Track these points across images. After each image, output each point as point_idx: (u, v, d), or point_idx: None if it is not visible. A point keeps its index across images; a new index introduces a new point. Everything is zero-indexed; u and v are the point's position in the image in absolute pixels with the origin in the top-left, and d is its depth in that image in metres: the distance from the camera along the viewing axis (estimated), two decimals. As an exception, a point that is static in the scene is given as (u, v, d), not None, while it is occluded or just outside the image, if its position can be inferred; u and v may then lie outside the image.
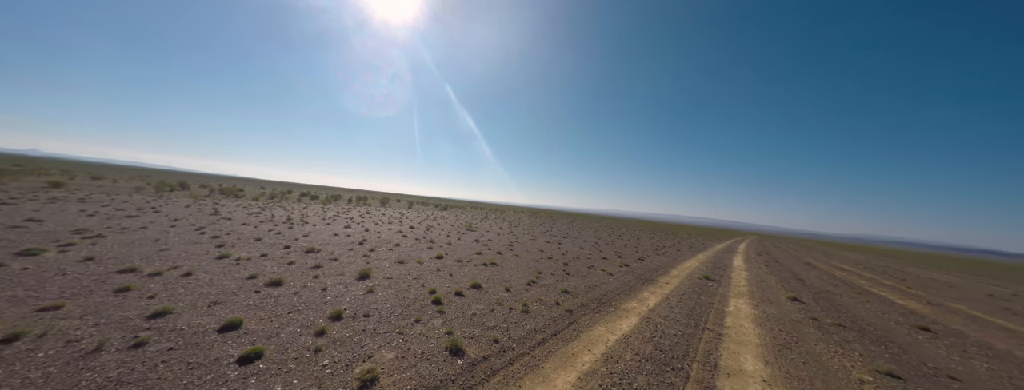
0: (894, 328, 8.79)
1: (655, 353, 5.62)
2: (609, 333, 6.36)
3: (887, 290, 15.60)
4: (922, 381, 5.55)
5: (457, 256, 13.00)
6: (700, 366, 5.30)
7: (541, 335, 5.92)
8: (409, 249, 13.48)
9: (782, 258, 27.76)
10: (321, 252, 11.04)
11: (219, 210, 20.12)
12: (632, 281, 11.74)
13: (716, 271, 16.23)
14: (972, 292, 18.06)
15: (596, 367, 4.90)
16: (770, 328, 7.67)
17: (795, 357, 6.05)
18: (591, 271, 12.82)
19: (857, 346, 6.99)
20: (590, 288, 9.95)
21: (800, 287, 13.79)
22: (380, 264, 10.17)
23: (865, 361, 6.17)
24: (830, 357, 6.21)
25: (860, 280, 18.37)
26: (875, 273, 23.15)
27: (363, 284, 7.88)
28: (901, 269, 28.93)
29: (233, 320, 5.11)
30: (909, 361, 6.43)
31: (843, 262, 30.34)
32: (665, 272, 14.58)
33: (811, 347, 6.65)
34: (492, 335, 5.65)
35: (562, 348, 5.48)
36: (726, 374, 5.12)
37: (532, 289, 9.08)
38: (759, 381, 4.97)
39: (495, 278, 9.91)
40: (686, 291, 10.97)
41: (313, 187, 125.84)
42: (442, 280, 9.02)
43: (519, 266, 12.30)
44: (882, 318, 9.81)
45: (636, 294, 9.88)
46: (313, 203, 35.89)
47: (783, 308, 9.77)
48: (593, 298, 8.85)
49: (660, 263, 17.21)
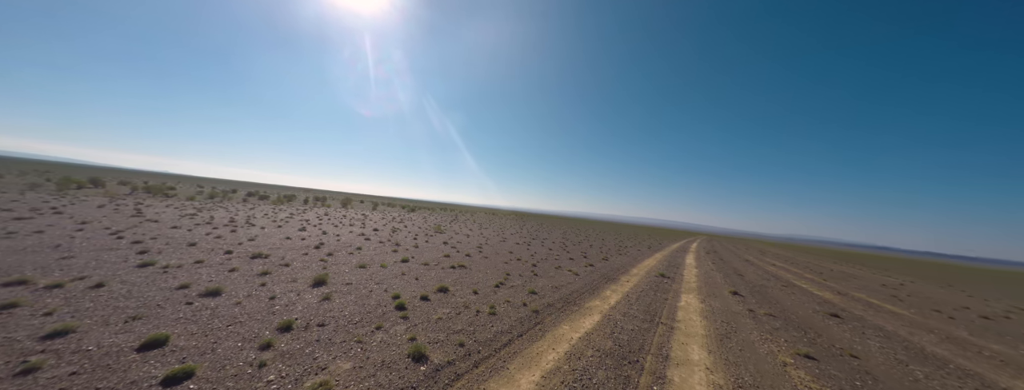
0: (812, 316, 10.17)
1: (614, 348, 5.93)
2: (573, 331, 6.58)
3: (808, 283, 18.00)
4: (831, 360, 6.49)
5: (424, 259, 12.63)
6: (653, 358, 5.70)
7: (508, 336, 5.96)
8: (372, 253, 12.82)
9: (726, 256, 30.77)
10: (270, 257, 10.08)
11: (143, 211, 17.52)
12: (596, 280, 12.27)
13: (671, 269, 17.54)
14: (870, 282, 21.52)
15: (560, 365, 5.06)
16: (714, 320, 8.47)
17: (733, 345, 6.75)
18: (558, 272, 13.17)
19: (783, 333, 7.98)
20: (556, 288, 10.22)
21: (740, 282, 15.40)
22: (339, 269, 9.54)
23: (788, 345, 7.06)
24: (761, 344, 7.02)
25: (788, 275, 20.98)
26: (800, 268, 26.59)
27: (318, 291, 7.34)
28: (820, 264, 33.56)
29: (157, 336, 4.48)
30: (822, 344, 7.48)
31: (775, 259, 34.43)
32: (626, 271, 15.43)
33: (747, 335, 7.46)
34: (458, 339, 5.58)
35: (528, 348, 5.57)
36: (676, 364, 5.56)
37: (500, 291, 9.11)
38: (703, 368, 5.47)
39: (463, 281, 9.79)
40: (644, 288, 11.72)
41: (265, 186, 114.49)
42: (407, 284, 8.71)
43: (488, 268, 12.27)
44: (803, 307, 11.29)
45: (599, 293, 10.34)
46: (262, 204, 32.68)
47: (725, 302, 10.84)
48: (559, 298, 9.10)
49: (622, 262, 18.19)
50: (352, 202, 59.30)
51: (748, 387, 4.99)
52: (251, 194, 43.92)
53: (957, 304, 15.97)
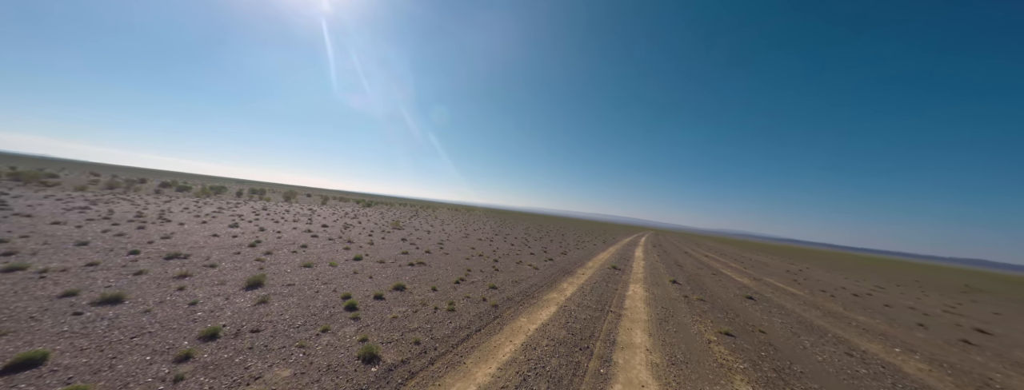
0: (732, 299, 11.78)
1: (568, 337, 6.28)
2: (530, 323, 6.81)
3: (732, 271, 20.76)
4: (745, 335, 7.61)
5: (379, 257, 12.00)
6: (602, 343, 6.15)
7: (466, 332, 5.97)
8: (320, 251, 11.83)
9: (669, 249, 34.12)
10: (191, 258, 8.77)
11: (8, 203, 14.02)
12: (555, 274, 12.79)
13: (622, 262, 18.96)
14: (778, 269, 25.53)
15: (516, 356, 5.21)
16: (656, 306, 9.38)
17: (670, 328, 7.56)
18: (519, 266, 13.46)
19: (710, 315, 9.13)
20: (516, 282, 10.45)
21: (678, 272, 17.21)
22: (279, 269, 8.66)
23: (713, 325, 8.11)
24: (692, 325, 7.97)
25: (717, 264, 23.96)
26: (726, 258, 30.51)
27: (253, 294, 6.59)
28: (742, 255, 38.86)
29: (28, 356, 3.67)
30: (739, 322, 8.72)
31: (708, 251, 39.04)
32: (582, 264, 16.32)
33: (682, 319, 8.41)
34: (414, 337, 5.44)
35: (486, 342, 5.64)
36: (621, 347, 6.07)
37: (460, 287, 9.05)
38: (644, 350, 6.05)
39: (421, 278, 9.52)
40: (598, 280, 12.51)
41: (192, 176, 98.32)
42: (359, 284, 8.21)
43: (449, 264, 12.08)
44: (726, 292, 13.02)
45: (557, 285, 10.81)
46: (182, 196, 28.13)
47: (666, 289, 12.05)
48: (519, 292, 9.32)
49: (579, 256, 19.18)
50: (297, 196, 53.88)
51: (679, 363, 5.64)
52: (166, 185, 37.46)
53: (838, 285, 19.71)
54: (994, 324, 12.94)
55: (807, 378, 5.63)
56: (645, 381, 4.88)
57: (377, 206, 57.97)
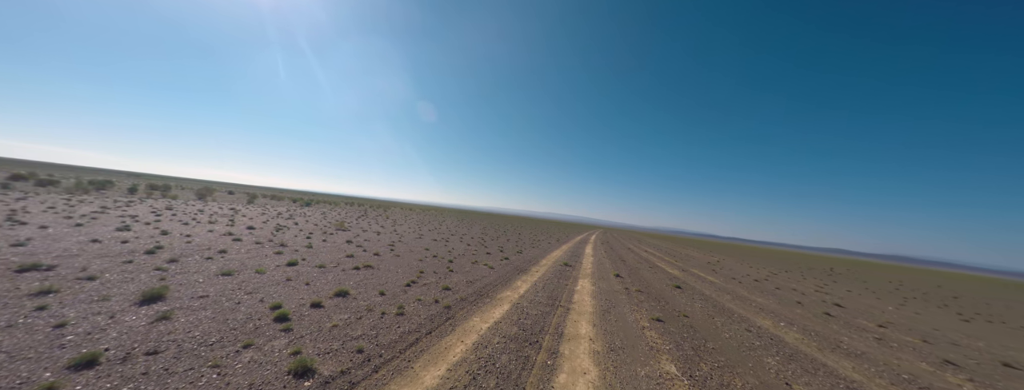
0: (664, 289, 13.29)
1: (519, 333, 6.48)
2: (482, 322, 6.87)
3: (666, 264, 23.36)
4: (672, 320, 8.66)
5: (319, 261, 10.93)
6: (551, 336, 6.48)
7: (415, 335, 5.78)
8: (243, 256, 10.36)
9: (615, 246, 37.05)
10: (58, 270, 7.01)
11: None
12: (510, 272, 13.03)
13: (573, 258, 20.07)
14: (701, 261, 29.44)
15: (466, 355, 5.22)
16: (600, 299, 10.15)
17: (611, 318, 8.26)
18: (474, 266, 13.41)
19: (645, 304, 10.19)
20: (471, 282, 10.41)
21: (622, 266, 18.82)
22: (188, 280, 7.38)
23: (647, 313, 9.08)
24: (630, 314, 8.82)
25: (654, 258, 26.74)
26: (662, 253, 34.22)
27: (151, 310, 5.53)
28: (674, 249, 43.93)
29: None
30: (668, 309, 9.88)
31: (649, 247, 43.31)
32: (537, 262, 16.88)
33: (622, 309, 9.24)
34: (356, 345, 5.11)
35: (436, 344, 5.54)
36: (567, 339, 6.46)
37: (411, 290, 8.71)
38: (587, 339, 6.53)
39: (368, 283, 8.94)
40: (550, 277, 13.08)
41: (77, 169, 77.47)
42: (293, 292, 7.41)
43: (399, 267, 11.52)
44: (660, 282, 14.64)
45: (511, 283, 11.03)
46: (46, 192, 22.18)
47: (610, 283, 13.10)
48: (473, 292, 9.31)
49: (534, 255, 19.80)
50: (215, 193, 46.27)
51: (617, 349, 6.21)
52: (19, 177, 29.08)
53: (745, 273, 23.46)
54: (847, 299, 16.66)
55: (717, 353, 6.64)
56: (587, 368, 5.28)
57: (319, 205, 52.57)
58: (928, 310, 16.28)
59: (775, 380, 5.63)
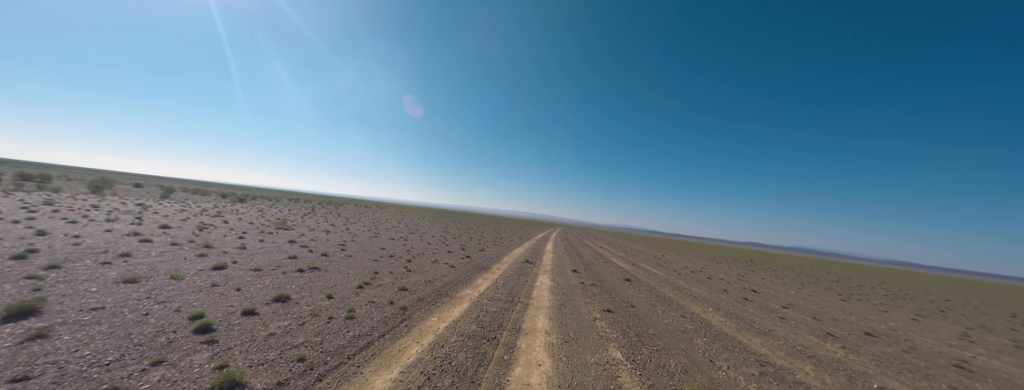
0: (616, 282, 14.32)
1: (477, 330, 6.50)
2: (440, 322, 6.76)
3: (619, 259, 25.14)
4: (620, 311, 9.38)
5: (255, 264, 9.78)
6: (508, 332, 6.61)
7: (366, 339, 5.49)
8: (154, 260, 8.86)
9: (574, 243, 38.84)
10: None
11: None
12: (471, 270, 12.95)
13: (534, 255, 20.61)
14: (648, 256, 32.21)
15: (422, 356, 5.11)
16: (558, 294, 10.61)
17: (567, 311, 8.69)
18: (434, 265, 13.08)
19: (598, 296, 10.89)
20: (430, 282, 10.15)
21: (579, 262, 19.83)
22: (74, 289, 6.11)
23: (599, 305, 9.72)
24: (584, 306, 9.36)
25: (608, 254, 28.60)
26: (616, 249, 36.72)
27: (19, 327, 4.48)
28: (627, 246, 47.41)
29: None
30: (618, 300, 10.69)
31: (604, 244, 46.13)
32: (499, 259, 17.02)
33: (577, 302, 9.76)
34: (297, 354, 4.69)
35: (390, 347, 5.33)
36: (524, 333, 6.66)
37: (364, 292, 8.22)
38: (543, 333, 6.80)
39: (314, 286, 8.23)
40: (511, 274, 13.29)
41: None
42: (220, 299, 6.54)
43: (351, 268, 10.78)
44: (612, 277, 15.73)
45: (472, 281, 10.99)
46: None
47: (568, 278, 13.74)
48: (432, 291, 9.09)
49: (496, 252, 19.92)
50: (115, 185, 38.66)
51: (571, 340, 6.57)
52: None
53: (684, 265, 26.24)
54: (761, 286, 19.52)
55: (657, 337, 7.37)
56: (541, 360, 5.51)
57: (256, 201, 46.81)
58: (818, 293, 19.81)
59: (701, 358, 6.43)
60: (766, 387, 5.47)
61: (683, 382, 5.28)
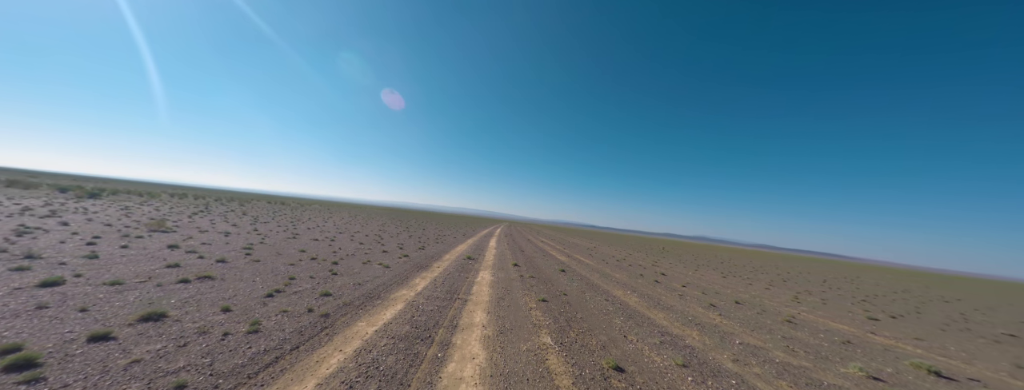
0: (552, 273, 15.32)
1: (411, 331, 6.27)
2: (369, 326, 6.32)
3: (556, 252, 26.87)
4: (554, 300, 10.10)
5: (111, 276, 7.64)
6: (444, 330, 6.54)
7: (275, 354, 4.82)
8: (-72, 279, 6.22)
9: (517, 238, 40.09)
10: None
11: None
12: (409, 270, 12.34)
13: (477, 252, 20.64)
14: (583, 247, 35.19)
15: (345, 364, 4.71)
16: (497, 288, 10.87)
17: (506, 304, 8.99)
18: (366, 267, 12.08)
19: (535, 288, 11.51)
20: (360, 285, 9.36)
21: (520, 256, 20.59)
22: None
23: (535, 295, 10.30)
24: (521, 298, 9.80)
25: (547, 247, 30.33)
26: (555, 242, 39.13)
27: None
28: (565, 239, 50.89)
29: None
30: (552, 290, 11.47)
31: (544, 238, 48.65)
32: (439, 257, 16.58)
33: (515, 295, 10.15)
34: (176, 381, 3.87)
35: (305, 359, 4.78)
36: (461, 329, 6.68)
37: (275, 301, 7.15)
38: (480, 326, 6.92)
39: (204, 298, 6.84)
40: (452, 271, 13.09)
41: None
42: (50, 325, 4.96)
43: (257, 275, 9.25)
44: (550, 268, 16.78)
45: (409, 281, 10.49)
46: None
47: (508, 273, 14.16)
48: (361, 294, 8.40)
49: (437, 250, 19.34)
50: None
51: (506, 331, 6.83)
52: None
53: (612, 255, 29.41)
54: (669, 270, 23.08)
55: (583, 321, 8.16)
56: (476, 353, 5.61)
57: (118, 197, 36.35)
58: (708, 273, 24.36)
59: (618, 334, 7.37)
60: (663, 352, 6.56)
61: (601, 357, 5.98)
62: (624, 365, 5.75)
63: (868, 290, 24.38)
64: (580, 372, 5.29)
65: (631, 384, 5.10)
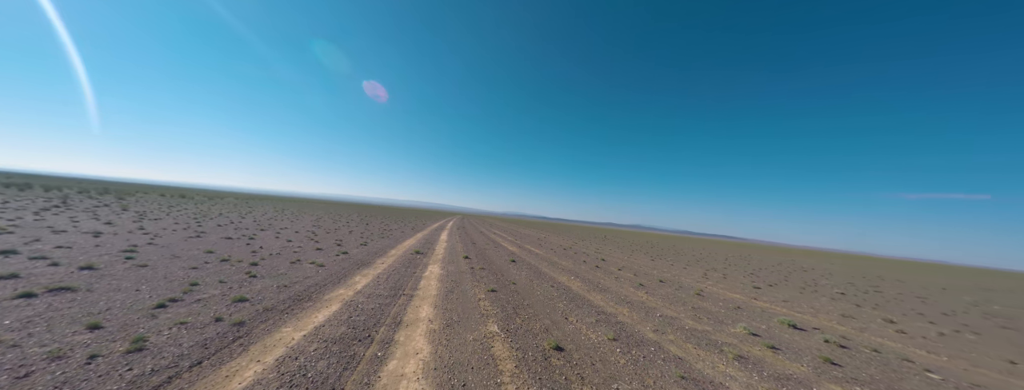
0: (503, 264, 15.64)
1: (347, 332, 5.83)
2: (297, 331, 5.69)
3: (508, 243, 27.43)
4: (503, 289, 10.35)
5: None
6: (386, 328, 6.23)
7: (165, 374, 4.04)
8: None
9: (470, 231, 39.81)
10: None
11: None
12: (348, 268, 11.37)
13: (426, 246, 19.95)
14: (532, 238, 36.57)
15: (263, 375, 4.19)
16: (446, 281, 10.70)
17: (454, 297, 8.91)
18: (295, 267, 10.77)
19: (485, 279, 11.63)
20: (286, 286, 8.33)
21: (472, 249, 20.53)
22: None
23: (485, 286, 10.42)
24: (471, 290, 9.83)
25: (499, 239, 30.78)
26: (507, 234, 39.88)
27: None
28: (517, 230, 52.17)
29: None
30: (502, 280, 11.73)
31: (497, 230, 49.19)
32: (384, 253, 15.61)
33: (465, 287, 10.12)
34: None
35: (210, 375, 4.11)
36: (405, 325, 6.44)
37: (167, 312, 5.96)
38: (426, 321, 6.76)
39: (58, 316, 5.37)
40: (398, 267, 12.45)
41: None
42: None
43: (143, 282, 7.58)
44: (500, 259, 17.09)
45: (348, 280, 9.69)
46: None
47: (459, 265, 14.02)
48: (288, 297, 7.49)
49: (382, 246, 18.16)
50: None
51: (454, 324, 6.80)
52: None
53: (560, 244, 31.13)
54: (609, 256, 25.34)
55: (530, 307, 8.54)
56: (421, 348, 5.48)
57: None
58: (640, 257, 27.44)
59: (560, 317, 7.90)
60: (598, 329, 7.26)
61: (544, 339, 6.36)
62: (564, 344, 6.21)
63: (755, 265, 30.21)
64: (523, 355, 5.56)
65: (568, 360, 5.55)
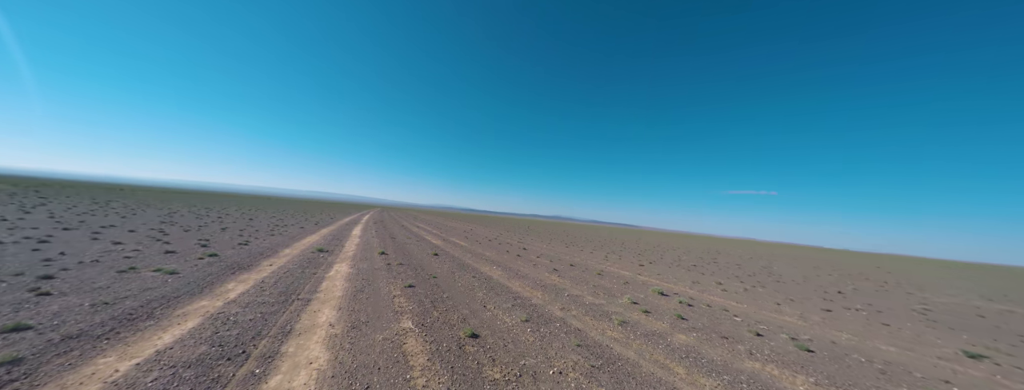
0: (425, 258, 15.02)
1: (209, 351, 4.68)
2: (123, 361, 4.27)
3: (432, 236, 26.44)
4: (422, 284, 9.96)
5: None
6: (269, 340, 5.26)
7: None
8: None
9: (389, 224, 36.73)
10: None
11: None
12: (214, 274, 9.06)
13: (333, 243, 17.52)
14: (459, 230, 36.22)
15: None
16: (356, 280, 9.65)
17: (364, 296, 8.11)
18: (127, 277, 8.00)
19: (403, 275, 10.96)
20: (107, 304, 6.13)
21: (391, 244, 19.02)
22: None
23: (402, 282, 9.83)
24: (385, 287, 9.13)
25: (423, 232, 29.39)
26: (432, 227, 38.35)
27: None
28: (443, 223, 50.68)
29: None
30: (421, 274, 11.27)
31: (422, 223, 46.78)
32: (274, 253, 13.04)
33: (378, 285, 9.33)
34: None
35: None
36: (297, 334, 5.56)
37: None
38: (325, 326, 5.98)
39: None
40: (292, 268, 10.59)
41: None
42: None
43: None
44: (422, 253, 16.36)
45: (217, 288, 7.73)
46: None
47: (373, 262, 12.80)
48: (109, 318, 5.53)
49: (270, 244, 15.12)
50: None
51: (361, 325, 6.21)
52: None
53: (486, 236, 31.65)
54: (530, 245, 27.05)
55: (449, 300, 8.47)
56: (316, 356, 4.84)
57: None
58: (557, 245, 30.26)
59: (479, 306, 8.10)
60: (513, 313, 7.74)
61: (460, 329, 6.42)
62: (480, 331, 6.40)
63: (643, 247, 37.01)
64: (437, 347, 5.50)
65: (482, 346, 5.76)
